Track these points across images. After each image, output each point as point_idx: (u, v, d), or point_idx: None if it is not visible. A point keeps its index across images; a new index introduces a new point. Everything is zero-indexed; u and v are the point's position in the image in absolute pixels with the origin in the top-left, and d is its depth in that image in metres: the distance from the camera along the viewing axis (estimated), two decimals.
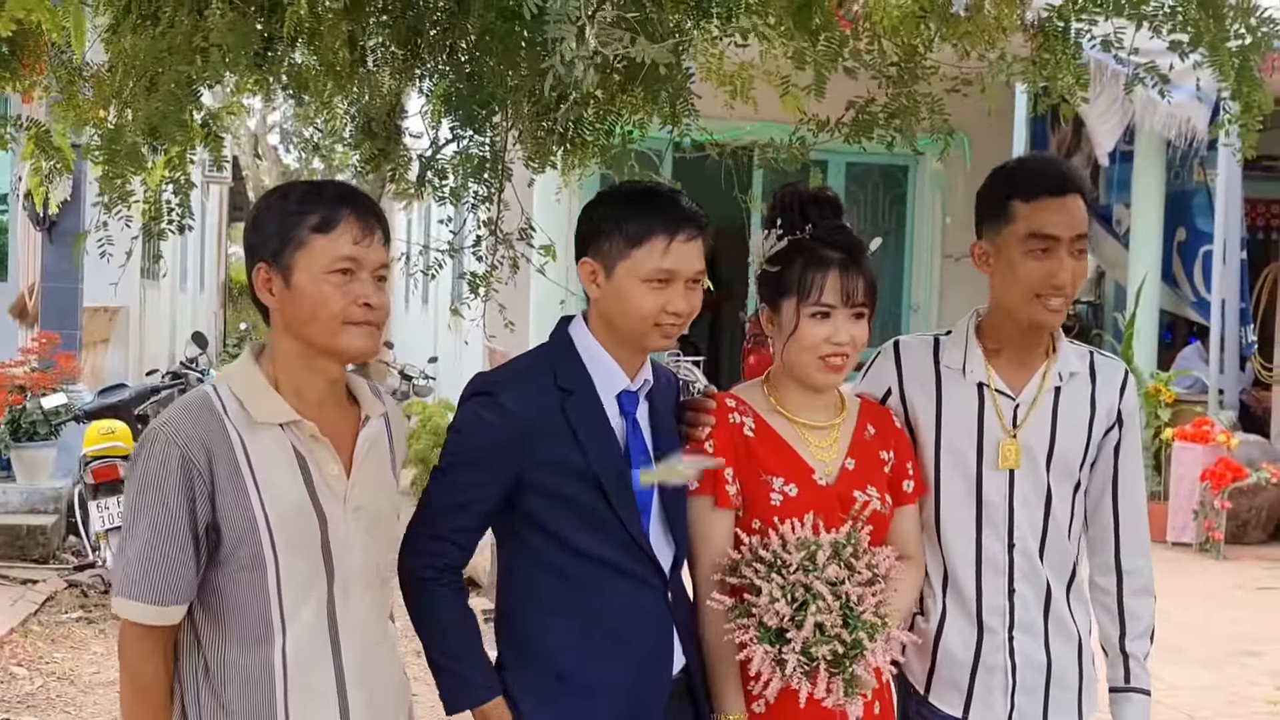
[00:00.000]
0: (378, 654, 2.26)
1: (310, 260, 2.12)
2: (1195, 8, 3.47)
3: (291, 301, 2.14)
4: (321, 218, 2.12)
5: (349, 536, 2.19)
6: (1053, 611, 2.66)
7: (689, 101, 3.42)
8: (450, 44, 3.48)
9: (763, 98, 4.37)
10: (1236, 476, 9.37)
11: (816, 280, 2.46)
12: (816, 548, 2.35)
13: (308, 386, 2.20)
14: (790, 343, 2.50)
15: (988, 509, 2.63)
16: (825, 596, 2.30)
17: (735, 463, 2.49)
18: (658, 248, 2.36)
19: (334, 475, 2.19)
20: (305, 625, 2.15)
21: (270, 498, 2.12)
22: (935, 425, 2.66)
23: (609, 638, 2.39)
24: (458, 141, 3.59)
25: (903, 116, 3.63)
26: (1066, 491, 2.66)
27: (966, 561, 2.64)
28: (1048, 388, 2.64)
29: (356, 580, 2.21)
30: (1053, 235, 2.54)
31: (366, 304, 2.14)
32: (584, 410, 2.40)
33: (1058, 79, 3.77)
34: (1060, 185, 2.56)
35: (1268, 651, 6.80)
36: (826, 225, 2.54)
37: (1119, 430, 2.70)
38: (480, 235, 3.72)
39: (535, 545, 2.41)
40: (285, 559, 2.12)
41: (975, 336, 2.68)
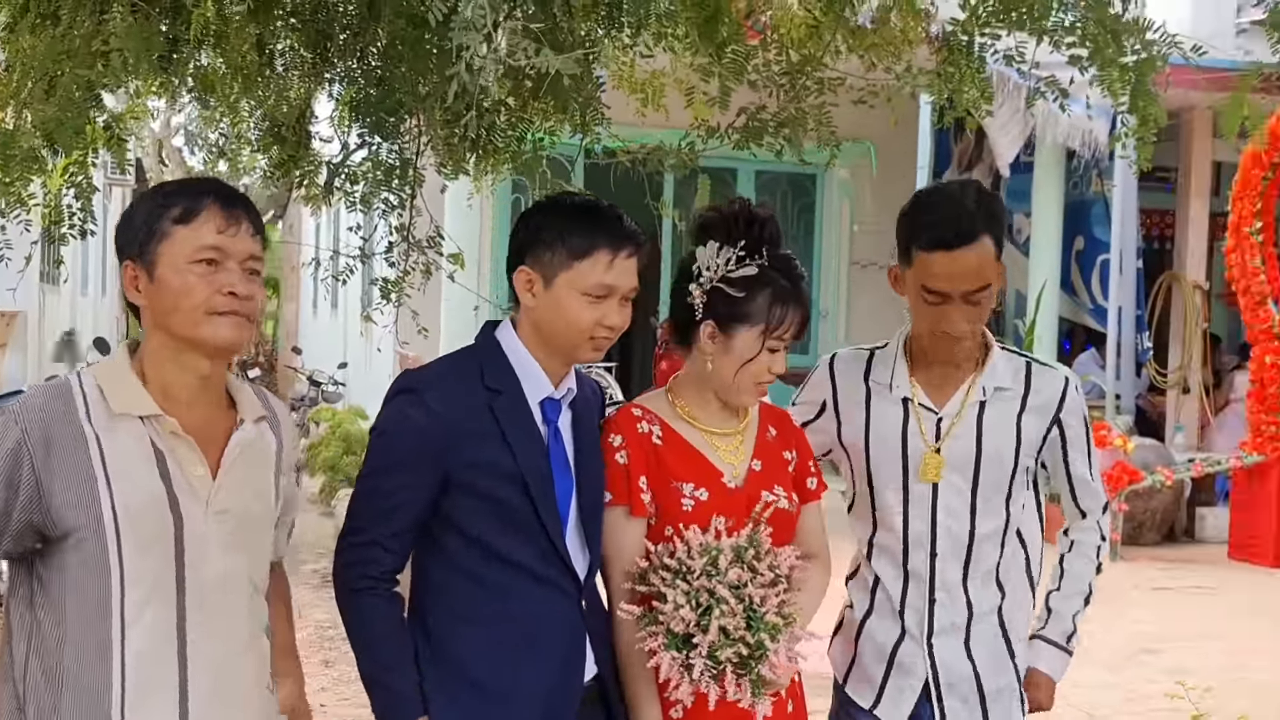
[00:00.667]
0: (237, 669, 2.16)
1: (173, 251, 2.08)
2: (1094, 24, 3.56)
3: (156, 294, 2.10)
4: (183, 208, 2.09)
5: (207, 540, 2.10)
6: (975, 621, 2.70)
7: (599, 110, 3.43)
8: (360, 49, 3.45)
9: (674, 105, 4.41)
10: (1133, 480, 9.63)
11: (787, 316, 2.48)
12: (718, 552, 2.38)
13: (177, 384, 2.13)
14: (744, 368, 2.50)
15: (912, 520, 2.69)
16: (728, 600, 2.32)
17: (647, 471, 2.50)
18: (601, 262, 2.37)
19: (197, 475, 2.10)
20: (149, 630, 2.06)
21: (121, 490, 2.03)
22: (864, 440, 2.72)
23: (522, 644, 2.38)
24: (368, 147, 3.56)
25: (791, 125, 3.69)
26: (996, 503, 2.69)
27: (895, 568, 2.71)
28: (971, 402, 2.69)
29: (215, 588, 2.12)
30: (941, 291, 2.57)
31: (232, 293, 2.09)
32: (512, 411, 2.39)
33: (962, 92, 3.85)
34: (952, 239, 2.54)
35: (1165, 650, 6.99)
36: (783, 256, 2.56)
37: (1060, 431, 2.74)
38: (392, 241, 3.69)
39: (452, 549, 2.39)
40: (132, 556, 2.04)
41: (904, 352, 2.74)
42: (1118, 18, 3.53)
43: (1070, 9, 3.61)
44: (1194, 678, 5.75)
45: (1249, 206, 9.72)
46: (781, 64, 3.54)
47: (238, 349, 2.16)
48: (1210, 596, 8.58)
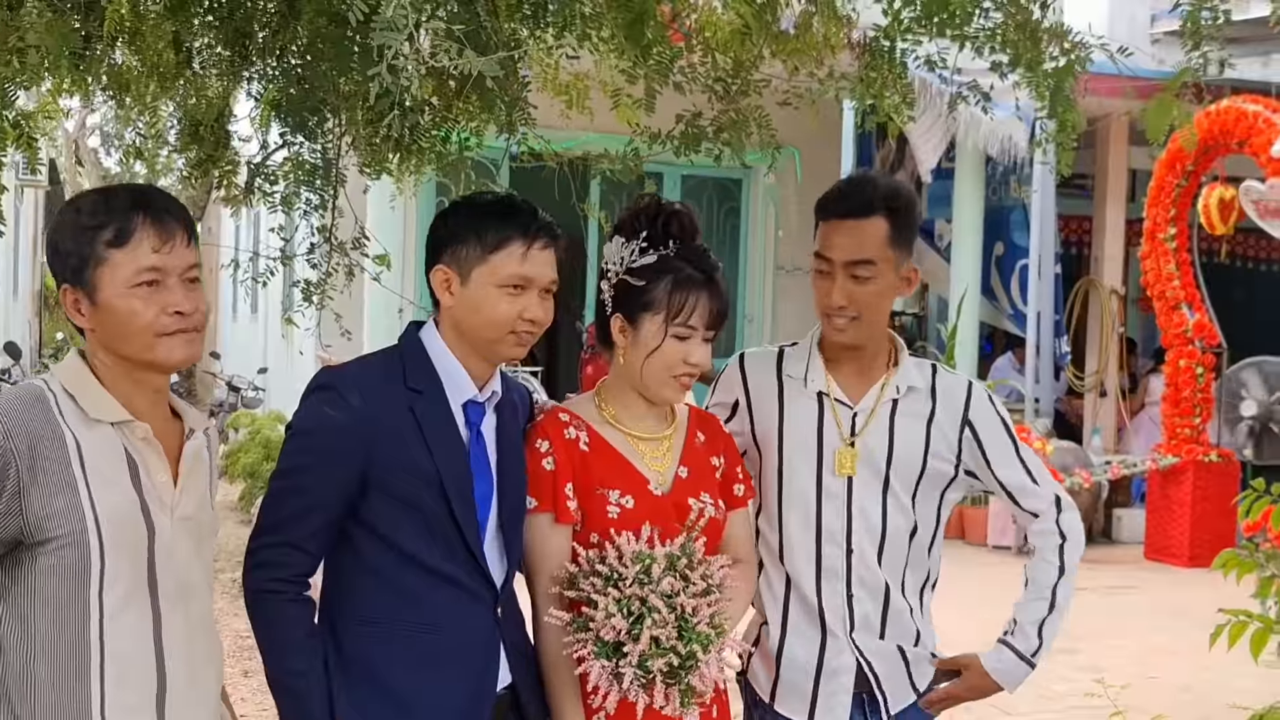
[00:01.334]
0: (207, 673, 2.18)
1: (112, 276, 2.06)
2: (1013, 30, 3.61)
3: (101, 320, 2.08)
4: (115, 231, 2.05)
5: (174, 546, 2.12)
6: (891, 610, 2.70)
7: (524, 111, 3.41)
8: (280, 48, 3.39)
9: (599, 108, 4.39)
10: None
11: (689, 301, 2.46)
12: (651, 561, 2.35)
13: (134, 396, 2.13)
14: (651, 359, 2.48)
15: (826, 515, 2.68)
16: (660, 609, 2.30)
17: (573, 478, 2.48)
18: (515, 253, 2.36)
19: (162, 482, 2.12)
20: (127, 631, 2.06)
21: (101, 494, 2.03)
22: (778, 434, 2.71)
23: (434, 652, 2.34)
24: (288, 147, 3.50)
25: (731, 130, 3.69)
26: (905, 499, 2.71)
27: (808, 567, 2.69)
28: (885, 399, 2.70)
29: (183, 593, 2.13)
30: (827, 257, 2.62)
31: (178, 312, 2.08)
32: (432, 412, 2.36)
33: (884, 97, 3.88)
34: (846, 209, 2.62)
35: (1083, 649, 7.09)
36: (693, 246, 2.55)
37: (973, 434, 2.74)
38: (314, 243, 3.63)
39: (366, 552, 2.35)
40: (112, 561, 2.03)
41: (818, 348, 2.74)
42: (1037, 24, 3.59)
43: (990, 15, 3.66)
44: (1111, 676, 5.85)
45: (1163, 213, 9.93)
46: (708, 67, 3.54)
47: (193, 363, 2.16)
48: (1126, 596, 8.73)
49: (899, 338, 2.79)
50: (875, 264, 2.60)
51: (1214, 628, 3.24)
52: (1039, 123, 3.73)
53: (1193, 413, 9.88)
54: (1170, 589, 8.90)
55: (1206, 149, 9.61)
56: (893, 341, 2.77)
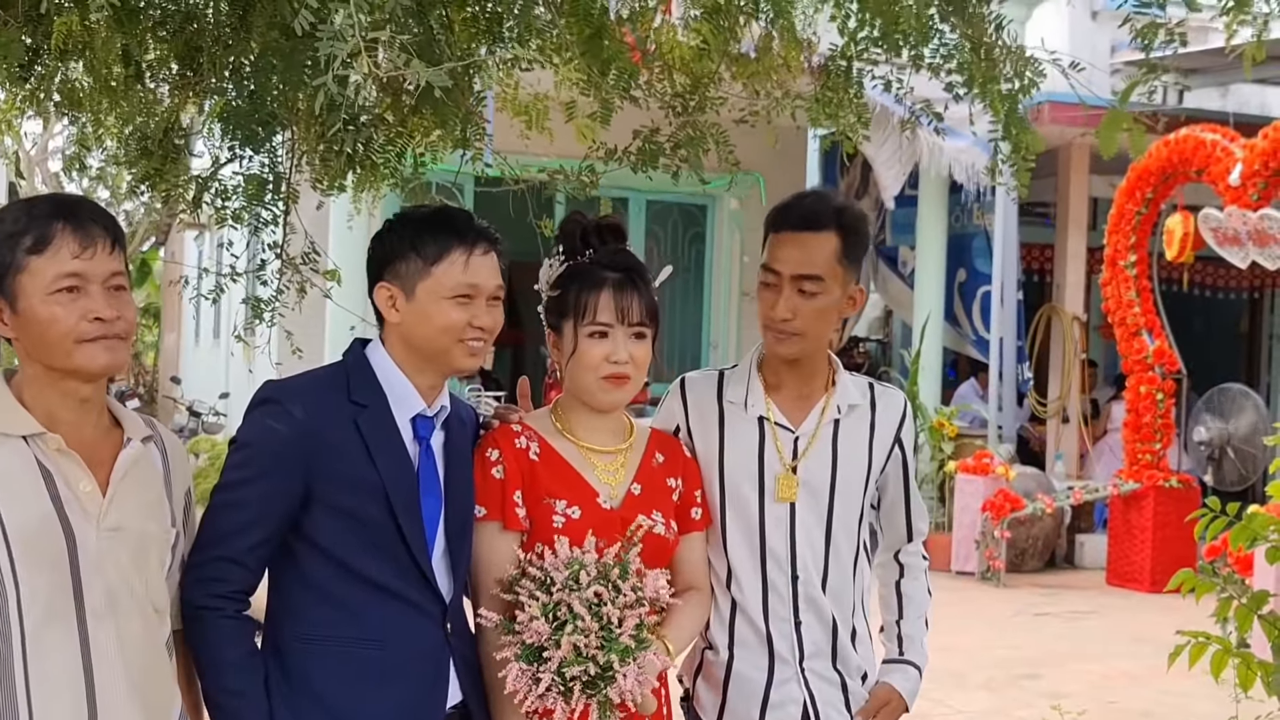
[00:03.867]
0: (146, 688, 2.12)
1: (31, 284, 2.04)
2: (968, 52, 3.62)
3: (23, 328, 2.06)
4: (34, 238, 2.04)
5: (103, 557, 2.07)
6: (839, 640, 2.68)
7: (480, 126, 3.38)
8: (231, 61, 3.36)
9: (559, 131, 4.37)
10: (1015, 507, 9.80)
11: (591, 300, 2.46)
12: (580, 567, 2.32)
13: (59, 407, 2.10)
14: (571, 364, 2.49)
15: (770, 542, 2.64)
16: (584, 617, 2.27)
17: (522, 486, 2.45)
18: (458, 263, 2.34)
19: (85, 492, 2.07)
20: (52, 653, 2.02)
21: (10, 511, 2.00)
22: (719, 460, 2.67)
23: (381, 669, 2.30)
24: (239, 161, 3.46)
25: (689, 147, 3.68)
26: (850, 521, 2.69)
27: (753, 594, 2.65)
28: (827, 421, 2.68)
29: (116, 608, 2.08)
30: (773, 269, 2.59)
31: (98, 318, 2.06)
32: (377, 426, 2.33)
33: (840, 117, 3.88)
34: (794, 221, 2.60)
35: (1045, 674, 7.09)
36: (607, 249, 2.55)
37: (900, 452, 2.77)
38: (264, 259, 3.59)
39: (310, 567, 2.30)
40: (26, 577, 2.00)
41: (757, 371, 2.71)
42: (992, 45, 3.60)
43: (946, 36, 3.67)
44: (1070, 701, 5.85)
45: (1123, 240, 10.00)
46: (665, 85, 3.53)
47: (116, 370, 2.13)
48: (1088, 621, 8.75)
49: (835, 357, 2.77)
50: (823, 279, 2.58)
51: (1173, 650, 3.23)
52: (995, 144, 3.73)
53: (1153, 438, 9.92)
54: (1132, 614, 8.92)
55: (1166, 177, 9.70)
56: (830, 362, 2.75)
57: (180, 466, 2.29)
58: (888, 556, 2.85)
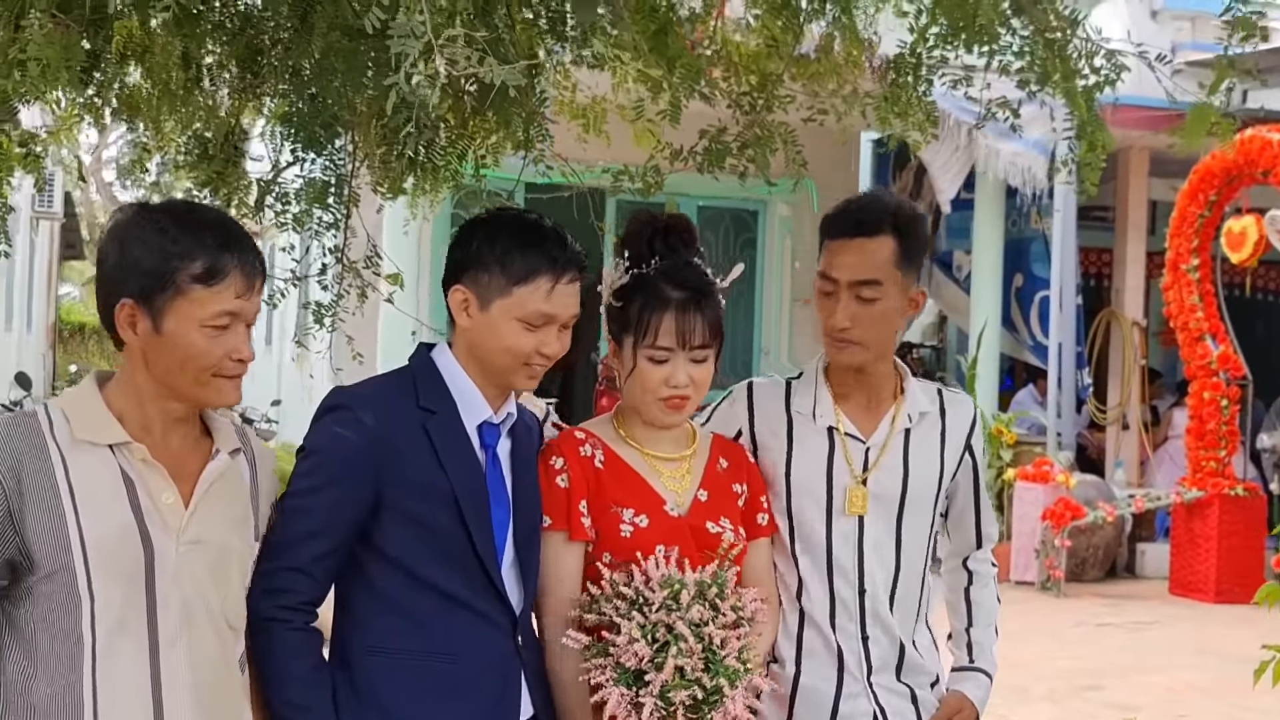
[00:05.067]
0: (214, 705, 2.08)
1: (189, 310, 2.01)
2: (1042, 48, 3.52)
3: (159, 347, 2.03)
4: (206, 268, 2.00)
5: (180, 571, 2.04)
6: (906, 652, 2.62)
7: (543, 127, 3.32)
8: (292, 64, 3.32)
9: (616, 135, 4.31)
10: (1075, 516, 9.63)
11: (653, 322, 2.38)
12: (681, 586, 2.25)
13: (154, 420, 2.07)
14: (630, 380, 2.43)
15: (837, 555, 2.58)
16: (687, 638, 2.20)
17: (587, 495, 2.40)
18: (541, 289, 2.28)
19: (167, 503, 2.04)
20: (121, 666, 1.98)
21: (90, 519, 1.97)
22: (786, 470, 2.61)
23: (451, 682, 2.24)
24: (300, 165, 3.43)
25: (756, 146, 3.61)
26: (921, 533, 2.63)
27: (821, 607, 2.58)
28: (898, 430, 2.61)
29: (190, 623, 2.04)
30: (832, 277, 2.53)
31: (240, 359, 2.05)
32: (447, 432, 2.28)
33: (909, 116, 3.79)
34: (851, 227, 2.53)
35: (1108, 686, 6.96)
36: (673, 260, 2.46)
37: (971, 459, 2.72)
38: (325, 263, 3.56)
39: (378, 578, 2.26)
40: (102, 588, 1.97)
41: (824, 379, 2.64)
42: (1066, 40, 3.50)
43: (1018, 33, 3.57)
44: (1137, 713, 5.71)
45: (1186, 244, 9.82)
46: (731, 83, 3.46)
47: (234, 405, 2.14)
48: (1151, 632, 8.59)
49: (902, 363, 2.70)
50: (882, 284, 2.51)
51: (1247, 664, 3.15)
52: (1068, 143, 3.63)
53: (1218, 445, 9.73)
54: (1196, 625, 8.75)
55: (1230, 179, 9.51)
56: (898, 368, 2.68)
57: (268, 479, 2.24)
58: (956, 563, 2.78)
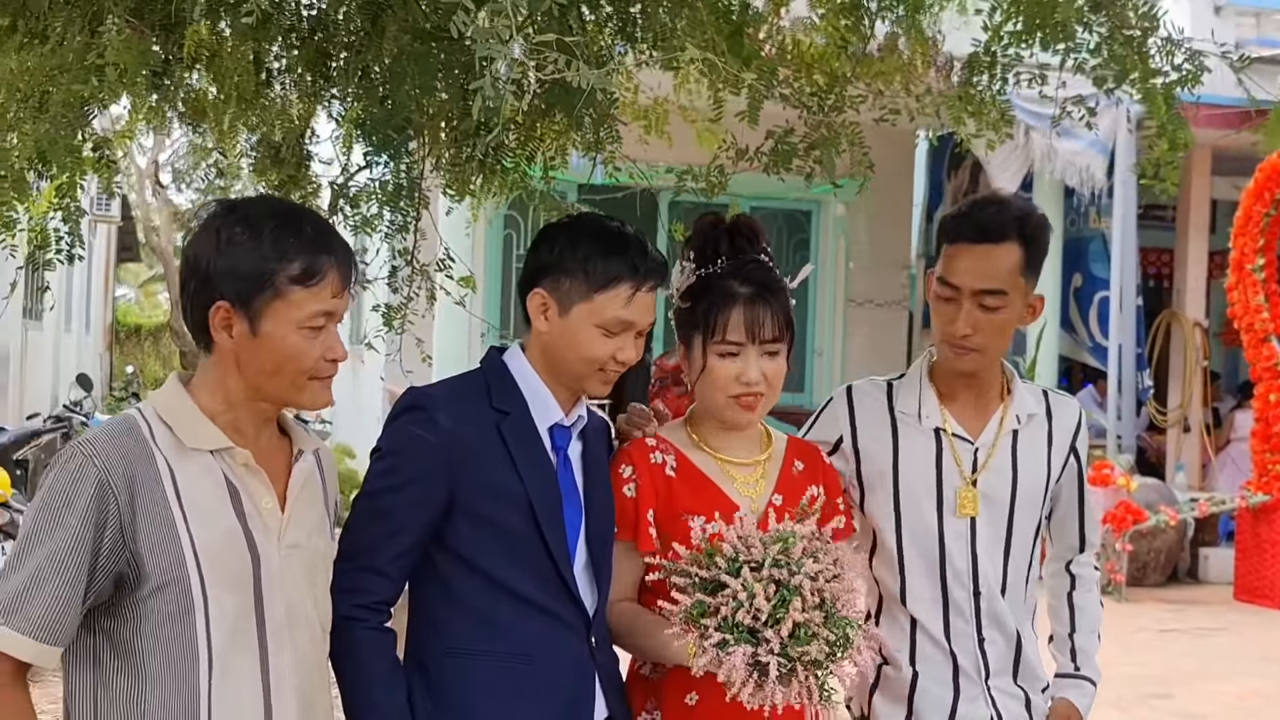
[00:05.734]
0: (312, 707, 2.08)
1: (287, 312, 1.99)
2: (1119, 44, 3.46)
3: (255, 349, 2.00)
4: (303, 269, 1.98)
5: (283, 576, 2.03)
6: (1023, 654, 2.60)
7: (613, 127, 3.30)
8: (363, 67, 3.32)
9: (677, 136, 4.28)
10: (1137, 519, 9.49)
11: (721, 317, 2.37)
12: (793, 539, 2.18)
13: (245, 422, 2.06)
14: (701, 380, 2.41)
15: (950, 556, 2.55)
16: (804, 591, 2.13)
17: (655, 504, 2.37)
18: (621, 297, 2.27)
19: (268, 509, 2.04)
20: (235, 672, 1.98)
21: (199, 527, 1.95)
22: (892, 473, 2.58)
23: (526, 683, 2.23)
24: (371, 168, 3.43)
25: (822, 147, 3.57)
26: (1028, 534, 2.60)
27: (934, 611, 2.56)
28: (1006, 431, 2.58)
29: (293, 625, 2.04)
30: (953, 284, 2.49)
31: (334, 360, 2.04)
32: (520, 433, 2.28)
33: (983, 115, 3.74)
34: (973, 232, 2.48)
35: (1175, 693, 6.84)
36: (741, 259, 2.44)
37: (1076, 461, 2.68)
38: (395, 266, 3.55)
39: (453, 579, 2.25)
40: (215, 596, 1.96)
41: (929, 380, 2.61)
42: (1144, 37, 3.43)
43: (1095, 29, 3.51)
44: None
45: (1251, 243, 9.66)
46: (802, 83, 3.42)
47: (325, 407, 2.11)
48: (1217, 638, 8.44)
49: (1009, 366, 2.66)
50: (1006, 293, 2.47)
51: None
52: (1148, 141, 3.56)
53: None
54: (1262, 632, 8.60)
55: None
56: (1004, 369, 2.64)
57: (333, 479, 2.25)
58: (1058, 566, 2.75)
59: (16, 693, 1.92)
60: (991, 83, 3.58)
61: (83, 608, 1.92)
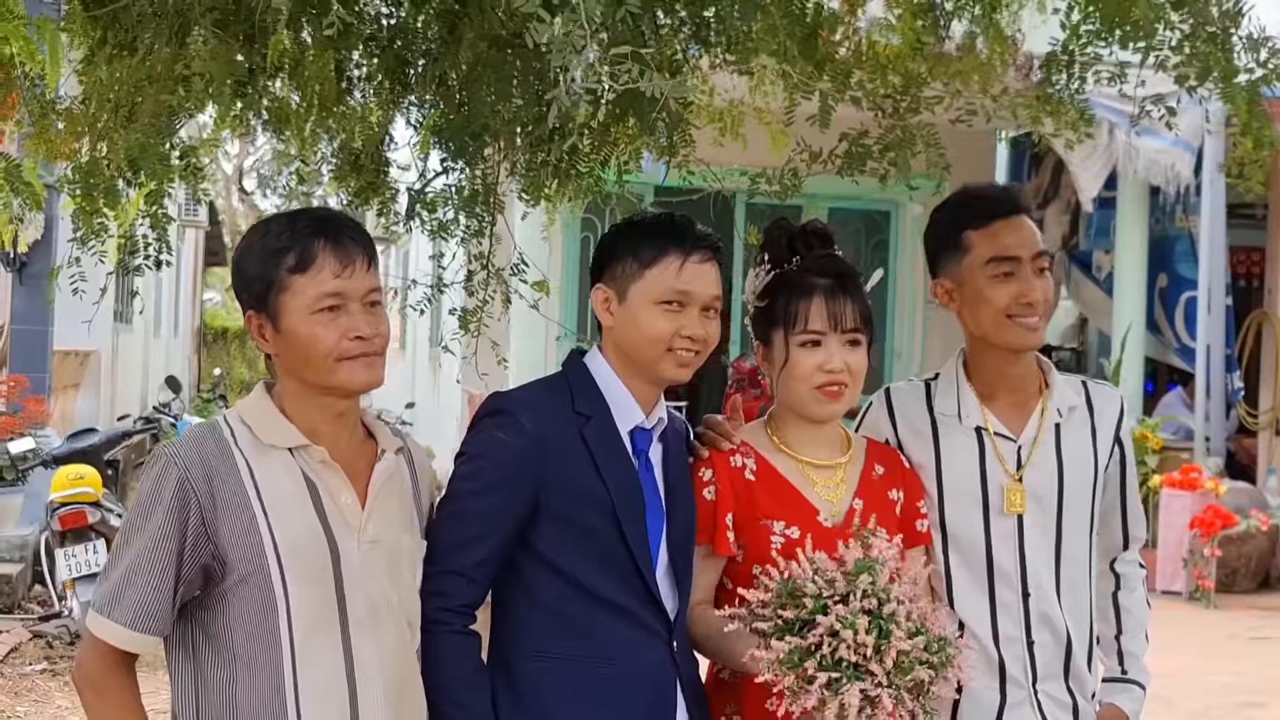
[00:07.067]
0: (400, 699, 2.14)
1: (294, 303, 2.08)
2: (1202, 41, 3.40)
3: (285, 345, 2.10)
4: (297, 256, 2.07)
5: (363, 570, 2.10)
6: (1074, 657, 2.56)
7: (686, 132, 3.32)
8: (440, 74, 3.37)
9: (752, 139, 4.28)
10: (1226, 524, 9.29)
11: (802, 308, 2.39)
12: (878, 565, 2.16)
13: (319, 421, 2.14)
14: (784, 375, 2.42)
15: (998, 557, 2.53)
16: (899, 619, 2.12)
17: (735, 508, 2.38)
18: (671, 267, 2.30)
19: (347, 504, 2.11)
20: (319, 663, 2.06)
21: (279, 523, 2.05)
22: (936, 474, 2.56)
23: (610, 687, 2.25)
24: (448, 174, 3.48)
25: (897, 149, 3.56)
26: (1081, 529, 2.57)
27: (980, 613, 2.53)
28: (1048, 425, 2.56)
29: (375, 618, 2.11)
30: (1014, 256, 2.51)
31: (359, 336, 2.08)
32: (603, 437, 2.31)
33: (1061, 114, 3.70)
34: (1011, 207, 2.55)
35: (1270, 704, 6.67)
36: (815, 255, 2.48)
37: (1121, 451, 2.65)
38: (471, 270, 3.60)
39: (537, 583, 2.28)
40: (295, 589, 2.04)
41: (965, 379, 2.60)
42: (1227, 32, 3.37)
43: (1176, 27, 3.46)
44: None
45: None
46: (877, 84, 3.41)
47: (375, 386, 2.16)
48: None
49: (1044, 357, 2.65)
50: (1053, 256, 2.53)
51: None
52: (1230, 139, 3.50)
53: None
54: None
55: None
56: (1041, 363, 2.63)
57: (426, 478, 2.31)
58: (1104, 566, 2.69)
59: (124, 678, 2.06)
60: (1070, 82, 3.55)
61: (175, 599, 2.03)
